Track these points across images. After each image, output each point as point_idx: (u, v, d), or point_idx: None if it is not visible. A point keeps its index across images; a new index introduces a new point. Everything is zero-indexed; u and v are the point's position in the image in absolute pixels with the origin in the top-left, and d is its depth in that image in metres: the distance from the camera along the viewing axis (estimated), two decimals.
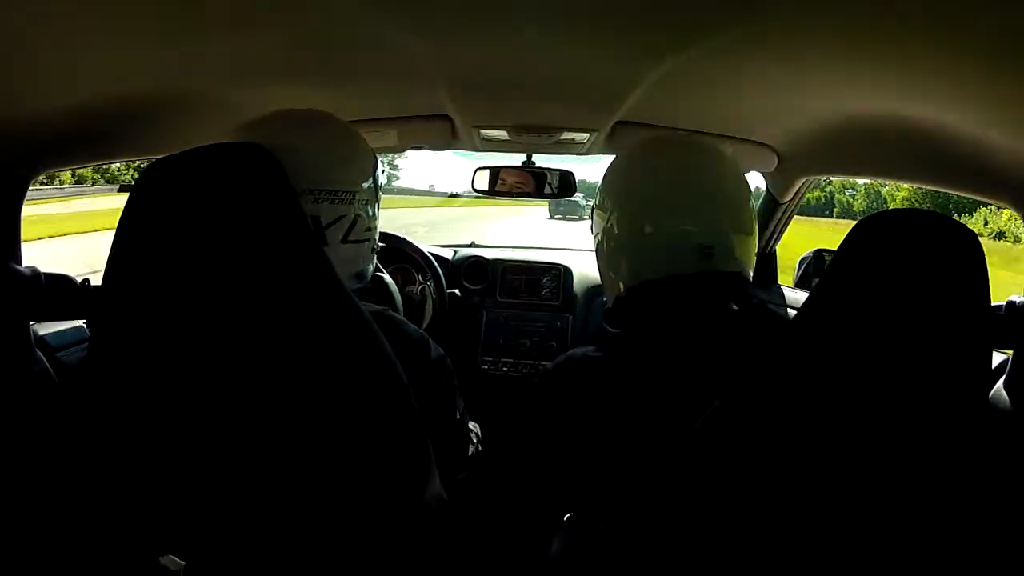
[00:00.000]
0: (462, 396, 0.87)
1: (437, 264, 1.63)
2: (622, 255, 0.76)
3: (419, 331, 0.79)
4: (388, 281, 1.33)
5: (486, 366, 1.70)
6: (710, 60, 0.72)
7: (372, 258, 0.82)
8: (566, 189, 1.59)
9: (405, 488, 0.64)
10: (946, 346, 0.53)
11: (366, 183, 0.78)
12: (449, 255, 1.80)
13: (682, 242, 0.72)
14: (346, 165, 0.76)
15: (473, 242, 2.02)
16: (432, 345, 0.79)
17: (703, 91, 0.91)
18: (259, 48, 0.75)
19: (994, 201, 0.88)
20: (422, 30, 0.69)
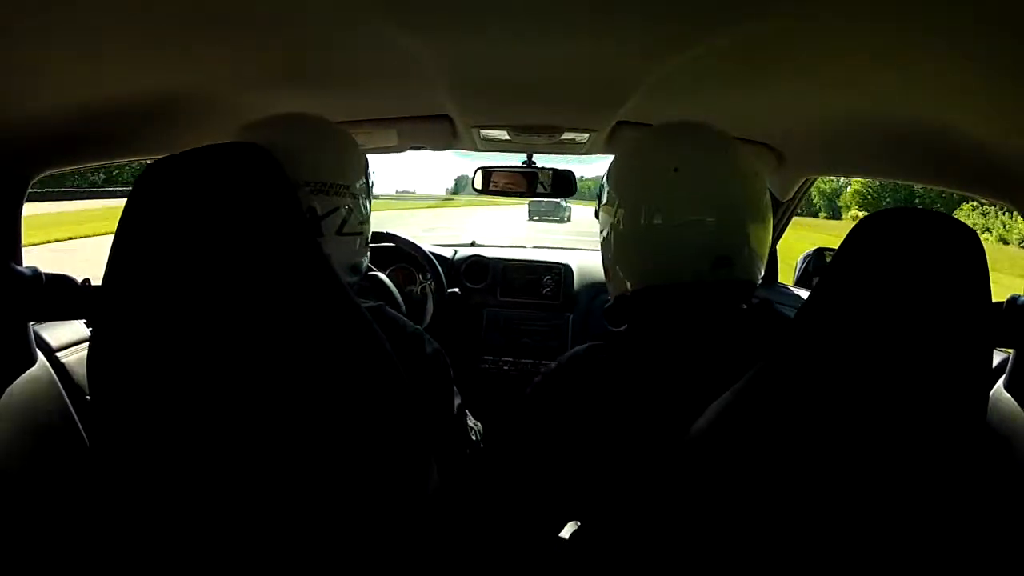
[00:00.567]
0: (462, 394, 0.87)
1: (437, 263, 1.63)
2: (632, 252, 0.74)
3: (414, 326, 0.80)
4: (386, 281, 1.33)
5: (487, 365, 1.70)
6: (710, 60, 0.72)
7: (366, 252, 0.85)
8: (564, 189, 1.59)
9: (402, 481, 0.65)
10: (947, 345, 0.53)
11: (359, 177, 0.81)
12: (449, 254, 1.80)
13: (698, 252, 0.70)
14: (340, 159, 0.79)
15: (474, 241, 2.03)
16: (427, 339, 0.80)
17: (703, 91, 0.91)
18: (259, 49, 0.75)
19: (994, 200, 0.88)
20: (422, 31, 0.69)
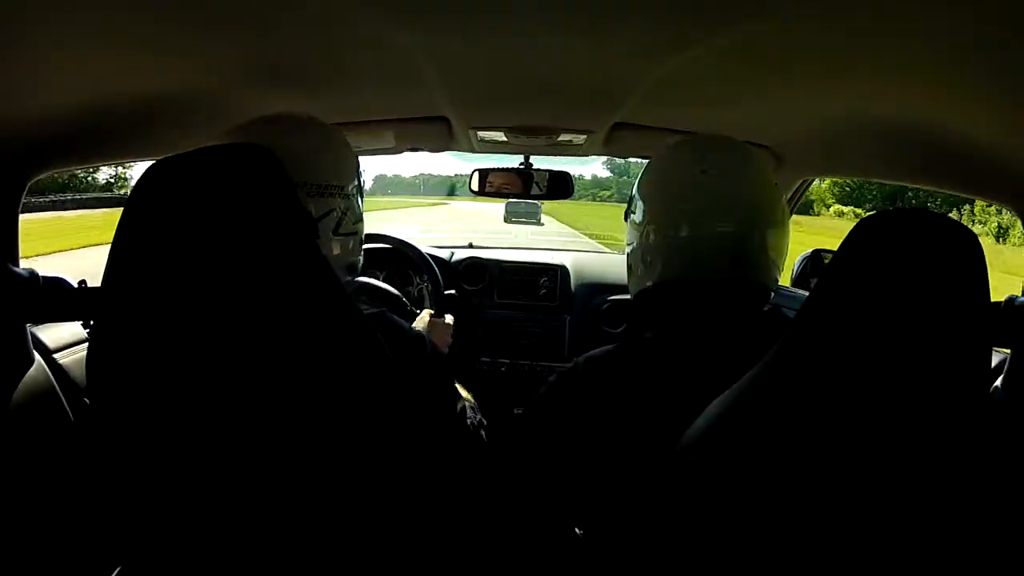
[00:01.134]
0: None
1: (435, 265, 1.63)
2: (657, 249, 0.76)
3: (413, 328, 0.81)
4: (389, 288, 1.33)
5: (484, 366, 1.70)
6: (708, 61, 0.72)
7: (360, 251, 0.85)
8: (560, 190, 1.58)
9: (400, 482, 0.64)
10: (945, 345, 0.53)
11: (352, 178, 0.81)
12: (447, 256, 1.80)
13: (720, 250, 0.72)
14: (334, 161, 0.79)
15: (471, 243, 2.02)
16: (427, 341, 0.80)
17: (701, 92, 0.91)
18: (258, 50, 0.75)
19: (994, 201, 0.88)
20: (420, 31, 0.69)
